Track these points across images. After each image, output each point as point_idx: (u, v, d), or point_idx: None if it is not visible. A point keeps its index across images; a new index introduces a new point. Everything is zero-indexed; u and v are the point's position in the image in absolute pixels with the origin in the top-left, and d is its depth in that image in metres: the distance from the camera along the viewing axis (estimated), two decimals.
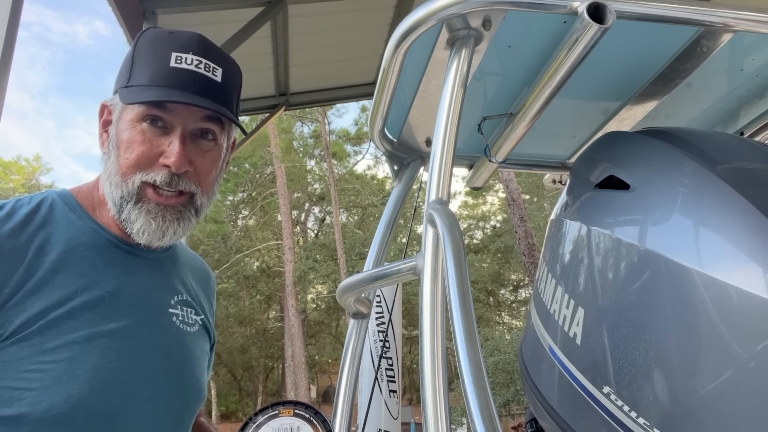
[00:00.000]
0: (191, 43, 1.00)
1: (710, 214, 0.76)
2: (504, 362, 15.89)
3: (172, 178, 0.98)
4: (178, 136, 0.98)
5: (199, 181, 1.02)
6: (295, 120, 25.33)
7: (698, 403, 0.71)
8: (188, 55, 0.98)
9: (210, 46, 1.02)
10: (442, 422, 0.73)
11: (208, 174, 1.04)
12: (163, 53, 0.98)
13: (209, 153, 1.03)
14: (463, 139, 1.39)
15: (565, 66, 0.93)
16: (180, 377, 1.06)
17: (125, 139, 0.98)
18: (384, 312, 5.59)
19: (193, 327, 1.13)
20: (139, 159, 0.97)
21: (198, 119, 1.00)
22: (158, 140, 0.98)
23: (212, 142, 1.03)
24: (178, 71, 0.97)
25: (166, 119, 0.98)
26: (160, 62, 0.98)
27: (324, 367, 29.03)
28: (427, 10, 0.90)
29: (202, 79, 0.98)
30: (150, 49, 1.01)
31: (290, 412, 0.87)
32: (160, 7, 3.81)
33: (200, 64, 0.99)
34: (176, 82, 0.97)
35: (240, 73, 1.09)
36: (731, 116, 1.29)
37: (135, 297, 1.01)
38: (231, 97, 1.04)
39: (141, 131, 0.97)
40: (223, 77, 1.01)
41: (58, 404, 0.88)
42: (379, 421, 5.25)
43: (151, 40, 1.02)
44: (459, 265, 0.77)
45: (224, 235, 24.41)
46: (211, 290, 1.29)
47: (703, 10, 0.89)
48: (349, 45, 5.12)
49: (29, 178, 29.54)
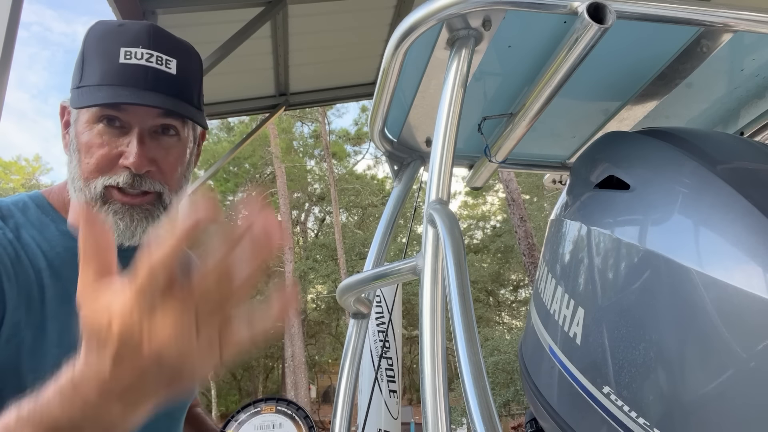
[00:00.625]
0: (141, 36, 0.94)
1: (710, 214, 0.76)
2: (504, 362, 15.89)
3: (134, 178, 0.94)
4: (135, 136, 0.93)
5: (165, 180, 0.98)
6: (295, 120, 25.33)
7: (698, 403, 0.71)
8: (137, 49, 0.93)
9: (162, 36, 0.96)
10: (442, 422, 0.73)
11: (173, 171, 0.99)
12: (112, 49, 0.93)
13: (172, 149, 0.98)
14: (463, 139, 1.39)
15: (565, 66, 0.93)
16: None
17: (84, 142, 0.94)
18: (384, 312, 5.59)
19: None
20: (99, 163, 0.93)
21: (155, 116, 0.95)
22: (117, 141, 0.93)
23: (175, 138, 0.98)
24: (128, 68, 0.92)
25: (122, 118, 0.93)
26: (109, 59, 0.92)
27: (324, 367, 29.01)
28: (427, 10, 0.90)
29: (155, 74, 0.93)
30: (99, 45, 0.95)
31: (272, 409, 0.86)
32: (160, 7, 3.81)
33: (151, 58, 0.93)
34: (127, 79, 0.91)
35: (199, 59, 1.04)
36: (731, 116, 1.29)
37: None
38: (189, 88, 0.99)
39: (98, 133, 0.93)
40: (178, 68, 0.96)
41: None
42: (379, 421, 5.26)
43: (99, 35, 0.96)
44: (459, 265, 0.77)
45: None
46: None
47: (703, 10, 0.89)
48: (349, 45, 5.12)
49: (29, 178, 29.54)
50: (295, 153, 26.18)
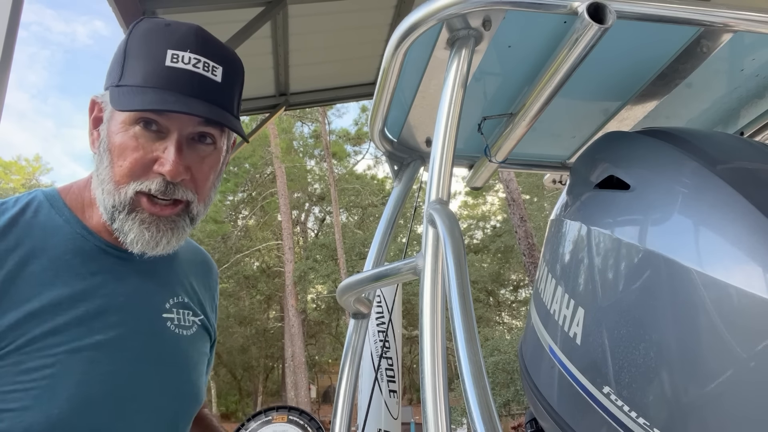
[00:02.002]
0: (189, 39, 0.92)
1: (710, 214, 0.76)
2: (504, 362, 15.89)
3: (167, 186, 0.92)
4: (174, 143, 0.91)
5: (196, 189, 0.96)
6: (295, 120, 25.34)
7: (698, 402, 0.71)
8: (185, 53, 0.90)
9: (210, 41, 0.94)
10: (442, 422, 0.73)
11: (206, 181, 0.98)
12: (158, 50, 0.90)
13: (207, 158, 0.97)
14: (463, 139, 1.39)
15: (565, 66, 0.93)
16: (175, 383, 1.02)
17: (118, 144, 0.91)
18: (384, 312, 5.59)
19: (189, 330, 1.08)
20: (133, 167, 0.91)
21: (196, 123, 0.93)
22: (152, 145, 0.91)
23: (211, 146, 0.97)
24: (174, 71, 0.89)
25: (161, 123, 0.91)
26: (154, 60, 0.90)
27: (324, 367, 29.03)
28: (427, 10, 0.90)
29: (201, 80, 0.91)
30: (144, 43, 0.92)
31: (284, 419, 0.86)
32: (160, 7, 3.82)
33: (198, 63, 0.91)
34: (172, 84, 0.89)
35: (242, 67, 1.02)
36: (731, 116, 1.29)
37: (125, 306, 0.96)
38: (232, 97, 0.98)
39: (134, 136, 0.91)
40: (223, 76, 0.94)
41: (37, 425, 0.84)
42: (379, 421, 5.26)
43: (145, 33, 0.93)
44: (459, 265, 0.77)
45: (224, 235, 24.40)
46: (213, 283, 1.24)
47: (703, 10, 0.89)
48: (349, 45, 5.12)
49: (29, 178, 29.53)
50: (295, 153, 26.19)
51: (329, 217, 27.23)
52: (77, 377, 0.87)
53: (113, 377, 0.91)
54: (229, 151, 1.07)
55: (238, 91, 1.01)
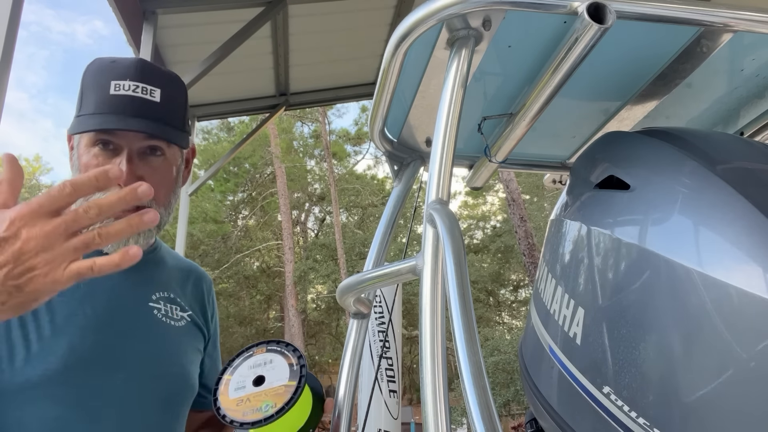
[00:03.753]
0: (129, 70, 1.08)
1: (710, 214, 0.76)
2: (504, 362, 15.89)
3: None
4: (125, 157, 1.06)
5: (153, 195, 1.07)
6: (295, 120, 25.33)
7: (698, 403, 0.71)
8: (125, 81, 1.06)
9: (148, 70, 1.10)
10: (442, 422, 0.73)
11: (161, 187, 1.11)
12: (104, 82, 1.07)
13: (159, 168, 1.11)
14: (463, 139, 1.39)
15: (565, 66, 0.93)
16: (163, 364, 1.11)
17: (83, 163, 1.07)
18: (384, 312, 5.59)
19: (179, 322, 1.17)
20: None
21: (141, 139, 1.08)
22: (109, 161, 1.06)
23: (161, 158, 1.12)
24: (116, 98, 1.05)
25: (114, 142, 1.07)
26: (101, 91, 1.06)
27: (324, 367, 29.01)
28: (427, 10, 0.90)
29: (141, 102, 1.06)
30: (94, 78, 1.09)
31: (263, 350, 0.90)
32: (160, 7, 3.82)
33: (137, 89, 1.07)
34: (115, 108, 1.05)
35: (184, 87, 1.18)
36: (731, 116, 1.29)
37: (112, 289, 1.09)
38: (173, 113, 1.12)
39: (95, 155, 1.06)
40: (162, 97, 1.09)
41: (36, 377, 0.95)
42: (379, 421, 5.26)
43: (95, 69, 1.10)
44: (459, 265, 0.77)
45: (224, 235, 24.40)
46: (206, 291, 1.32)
47: (703, 10, 0.89)
48: (349, 45, 5.12)
49: (29, 178, 29.53)
50: (295, 153, 26.18)
51: (329, 217, 27.23)
52: (70, 339, 0.99)
53: (102, 345, 1.03)
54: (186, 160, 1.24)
55: (182, 108, 1.16)
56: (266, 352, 1.09)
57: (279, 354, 1.09)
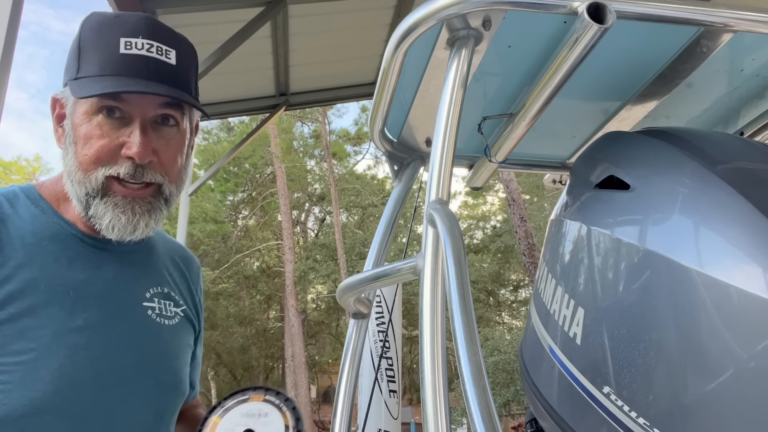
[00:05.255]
0: (140, 26, 0.94)
1: (710, 214, 0.76)
2: (504, 362, 15.88)
3: (136, 169, 0.94)
4: (138, 126, 0.93)
5: (166, 171, 0.98)
6: (295, 120, 25.32)
7: (698, 403, 0.71)
8: (138, 39, 0.92)
9: (160, 27, 0.97)
10: (442, 422, 0.73)
11: (174, 162, 1.00)
12: (112, 39, 0.92)
13: (172, 140, 0.99)
14: (463, 139, 1.39)
15: (565, 66, 0.93)
16: (155, 373, 1.03)
17: (82, 134, 0.93)
18: (384, 312, 5.59)
19: (172, 320, 1.09)
20: (100, 153, 0.93)
21: (157, 106, 0.95)
22: (117, 132, 0.93)
23: (174, 128, 0.99)
24: (128, 57, 0.92)
25: (123, 109, 0.93)
26: (109, 49, 0.92)
27: (324, 367, 29.02)
28: (427, 10, 0.90)
29: (156, 64, 0.93)
30: (97, 35, 0.94)
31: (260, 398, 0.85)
32: (160, 7, 3.82)
33: (152, 48, 0.93)
34: (128, 69, 0.92)
35: (195, 52, 1.04)
36: (731, 116, 1.29)
37: (104, 291, 0.97)
38: (188, 78, 1.00)
39: (98, 124, 0.93)
40: (177, 59, 0.96)
41: (21, 407, 0.85)
42: (379, 421, 5.26)
43: (96, 25, 0.96)
44: (459, 265, 0.77)
45: (224, 235, 24.38)
46: (195, 276, 1.24)
47: (703, 10, 0.89)
48: (349, 45, 5.12)
49: (29, 178, 29.54)
50: (295, 153, 26.17)
51: (329, 217, 27.23)
52: (60, 360, 0.89)
53: (95, 362, 0.92)
54: (194, 134, 1.09)
55: (194, 75, 1.04)
56: (263, 401, 1.00)
57: (276, 409, 0.99)
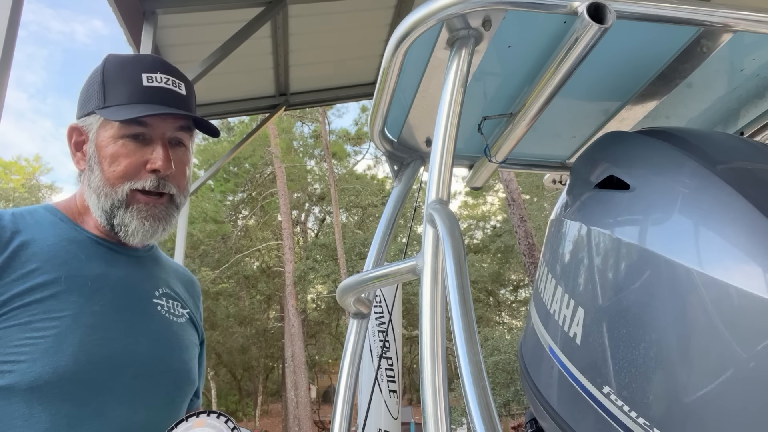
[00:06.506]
0: (156, 64, 1.14)
1: (710, 214, 0.76)
2: (504, 362, 15.89)
3: (159, 182, 1.12)
4: (160, 144, 1.11)
5: (177, 183, 1.16)
6: (295, 120, 25.33)
7: (698, 403, 0.71)
8: (157, 74, 1.12)
9: (169, 66, 1.17)
10: (442, 422, 0.73)
11: (184, 176, 1.19)
12: (134, 74, 1.11)
13: (183, 157, 1.18)
14: (463, 139, 1.39)
15: (565, 66, 0.93)
16: (167, 359, 1.14)
17: (110, 154, 1.10)
18: (384, 312, 5.59)
19: (180, 318, 1.21)
20: (127, 169, 1.10)
21: (173, 129, 1.14)
22: (141, 151, 1.11)
23: (183, 148, 1.18)
24: (151, 89, 1.11)
25: (146, 133, 1.11)
26: (132, 82, 1.11)
27: (324, 367, 29.03)
28: (427, 10, 0.90)
29: (173, 94, 1.13)
30: (120, 71, 1.13)
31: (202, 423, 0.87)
32: (160, 7, 3.81)
33: (168, 81, 1.14)
34: (152, 97, 1.10)
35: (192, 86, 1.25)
36: (731, 116, 1.29)
37: (118, 285, 1.11)
38: (193, 105, 1.21)
39: (123, 145, 1.10)
40: (186, 90, 1.17)
41: (45, 374, 0.96)
42: (379, 421, 5.25)
43: (118, 64, 1.15)
44: (459, 265, 0.77)
45: (224, 235, 24.39)
46: (196, 295, 1.37)
47: (703, 10, 0.89)
48: (349, 45, 5.12)
49: (29, 178, 29.54)
50: (295, 153, 26.17)
51: (329, 217, 27.22)
52: (79, 337, 1.01)
53: (110, 343, 1.05)
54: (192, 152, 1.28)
55: (195, 103, 1.24)
56: (205, 426, 1.04)
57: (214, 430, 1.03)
